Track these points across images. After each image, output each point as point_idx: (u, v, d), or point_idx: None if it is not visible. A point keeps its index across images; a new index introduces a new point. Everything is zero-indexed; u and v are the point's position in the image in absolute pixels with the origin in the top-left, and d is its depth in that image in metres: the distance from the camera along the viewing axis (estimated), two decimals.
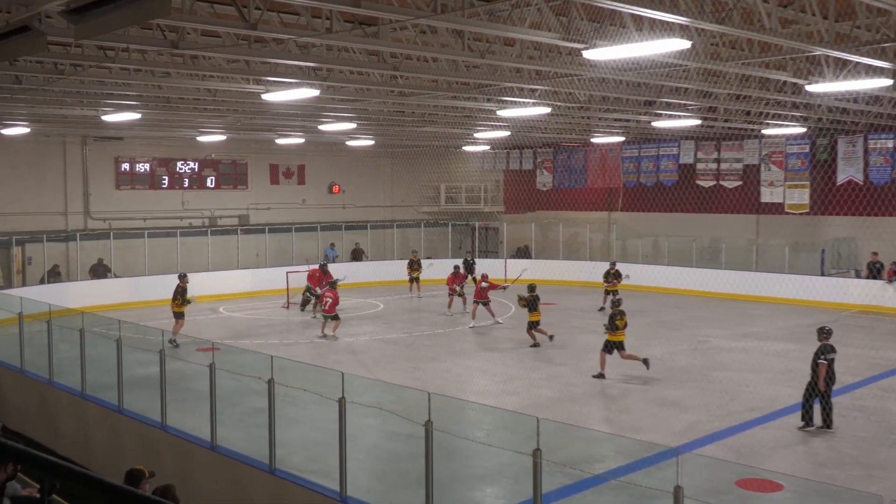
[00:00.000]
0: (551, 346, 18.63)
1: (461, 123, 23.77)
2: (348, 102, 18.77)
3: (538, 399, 13.98)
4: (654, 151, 29.81)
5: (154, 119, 22.01)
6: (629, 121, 22.92)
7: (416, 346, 18.82)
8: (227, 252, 28.52)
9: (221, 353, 12.66)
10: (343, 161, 34.10)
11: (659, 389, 14.64)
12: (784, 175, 26.80)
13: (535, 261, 31.39)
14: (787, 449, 11.49)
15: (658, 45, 10.49)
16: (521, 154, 33.87)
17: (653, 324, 21.58)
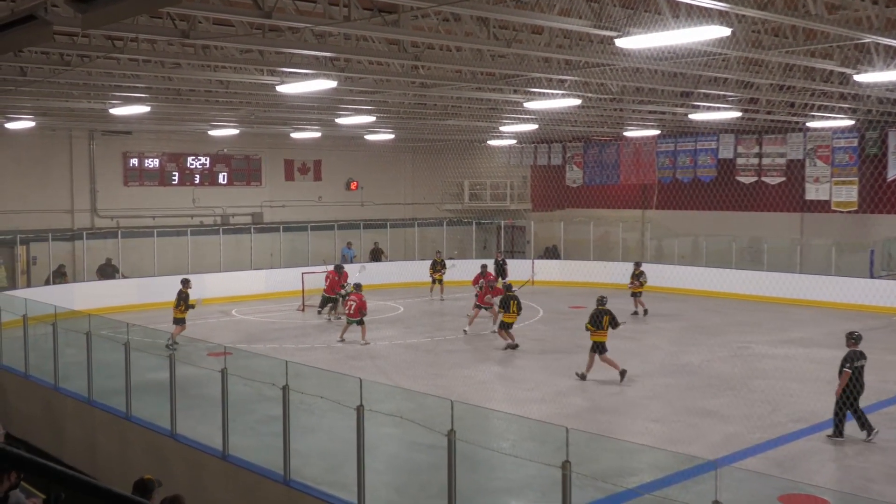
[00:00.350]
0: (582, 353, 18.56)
1: (486, 116, 23.74)
2: (367, 94, 18.81)
3: (567, 408, 13.93)
4: (692, 146, 29.63)
5: (164, 112, 22.18)
6: (665, 113, 22.79)
7: (438, 352, 18.82)
8: (240, 252, 28.68)
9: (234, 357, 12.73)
10: (361, 156, 34.17)
11: (696, 399, 14.55)
12: (830, 171, 26.55)
13: (564, 262, 31.35)
14: (834, 463, 11.38)
15: (696, 32, 10.42)
16: (549, 149, 33.78)
17: (690, 329, 21.46)
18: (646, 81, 16.43)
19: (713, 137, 28.89)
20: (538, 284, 30.21)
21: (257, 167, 32.60)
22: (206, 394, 12.52)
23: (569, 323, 22.53)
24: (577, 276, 29.89)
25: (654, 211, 32.05)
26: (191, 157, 30.87)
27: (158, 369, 12.47)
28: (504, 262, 28.39)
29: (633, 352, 18.53)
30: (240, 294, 26.71)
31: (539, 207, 35.36)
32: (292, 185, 33.40)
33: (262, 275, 27.95)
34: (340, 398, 9.46)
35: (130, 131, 28.63)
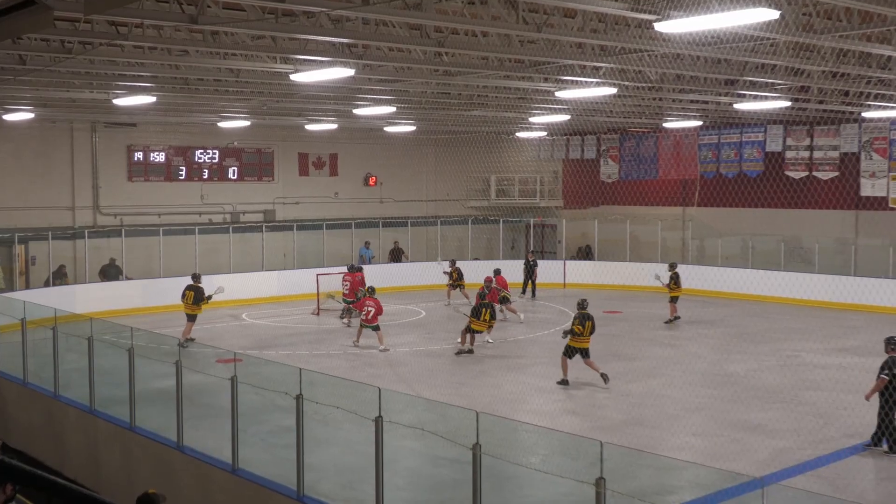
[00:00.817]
0: (617, 361, 18.50)
1: (514, 106, 23.71)
2: (387, 83, 18.83)
3: (602, 420, 13.90)
4: (737, 138, 29.43)
5: (170, 103, 22.32)
6: (707, 103, 22.66)
7: (463, 359, 18.82)
8: (251, 251, 28.82)
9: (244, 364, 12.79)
10: (380, 150, 34.21)
11: (742, 411, 14.46)
12: (888, 165, 26.29)
13: (598, 263, 31.25)
14: (891, 482, 11.28)
15: (741, 15, 10.35)
16: (582, 141, 33.68)
17: (734, 336, 21.34)
18: (687, 69, 16.34)
19: (760, 129, 28.68)
20: (570, 287, 30.15)
21: (269, 161, 32.74)
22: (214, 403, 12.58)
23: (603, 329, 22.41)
24: (611, 278, 29.78)
25: (695, 208, 31.87)
26: (199, 150, 31.05)
27: (164, 377, 12.56)
28: (535, 263, 28.35)
29: (673, 360, 18.45)
30: (250, 297, 26.83)
31: (571, 205, 35.25)
32: (306, 181, 33.50)
33: (274, 276, 28.06)
34: (358, 408, 9.47)
35: (135, 123, 28.83)
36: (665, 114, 26.36)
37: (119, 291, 25.45)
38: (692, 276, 28.38)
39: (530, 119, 26.97)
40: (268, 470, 10.66)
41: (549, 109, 24.53)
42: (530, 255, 29.18)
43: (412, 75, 17.64)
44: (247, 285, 27.15)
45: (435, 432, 9.18)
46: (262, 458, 11.25)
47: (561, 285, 30.26)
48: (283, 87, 19.30)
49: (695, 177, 31.11)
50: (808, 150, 27.90)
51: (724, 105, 22.79)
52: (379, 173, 34.87)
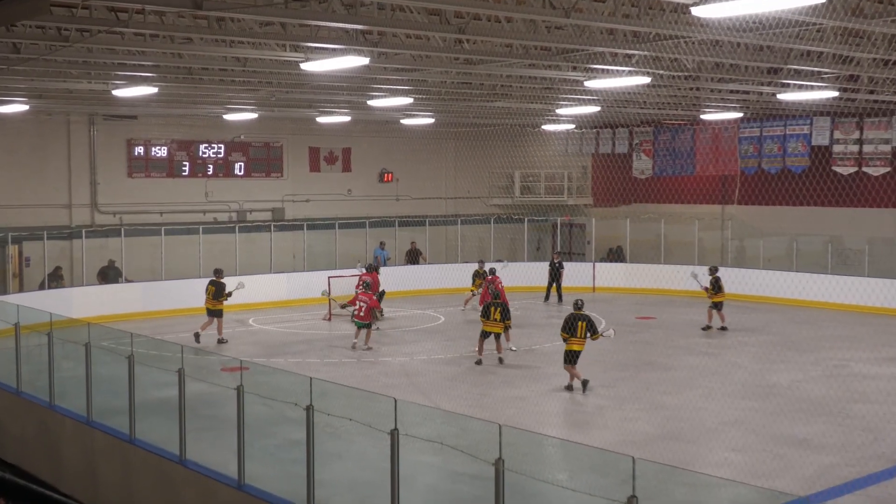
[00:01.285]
0: (651, 371, 18.45)
1: (540, 97, 23.69)
2: (404, 73, 18.86)
3: (634, 434, 13.86)
4: (780, 131, 29.29)
5: (173, 94, 22.44)
6: (749, 93, 22.56)
7: (485, 368, 18.82)
8: (259, 252, 28.92)
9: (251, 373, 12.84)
10: (397, 144, 34.25)
11: (785, 425, 14.39)
12: None
13: (630, 265, 31.17)
14: None
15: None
16: (613, 134, 33.61)
17: (777, 344, 21.23)
18: (726, 56, 16.27)
19: (805, 121, 28.53)
20: (599, 291, 30.10)
21: (278, 156, 32.85)
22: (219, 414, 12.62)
23: (635, 336, 22.42)
24: (645, 282, 29.70)
25: (735, 206, 31.74)
26: (203, 144, 31.20)
27: (166, 386, 12.61)
28: (560, 265, 28.29)
29: (711, 370, 18.39)
30: (257, 301, 26.88)
31: (601, 202, 35.18)
32: (318, 177, 33.59)
33: (282, 279, 28.16)
34: (372, 421, 9.49)
35: (135, 116, 29.00)
36: (703, 105, 26.26)
37: (118, 295, 25.60)
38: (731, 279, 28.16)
39: (557, 111, 26.93)
40: (276, 486, 10.69)
41: (578, 100, 24.50)
42: (556, 255, 29.15)
43: (431, 64, 17.66)
44: (254, 288, 27.16)
45: (455, 446, 9.19)
46: (270, 474, 11.29)
47: (590, 289, 30.20)
48: (293, 77, 19.36)
49: (735, 172, 30.98)
50: (858, 144, 27.72)
51: (767, 95, 22.69)
52: (395, 169, 34.91)
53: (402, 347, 20.91)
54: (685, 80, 19.79)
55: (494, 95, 23.30)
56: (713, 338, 22.09)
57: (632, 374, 18.18)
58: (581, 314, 16.69)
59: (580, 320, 16.61)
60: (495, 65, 17.60)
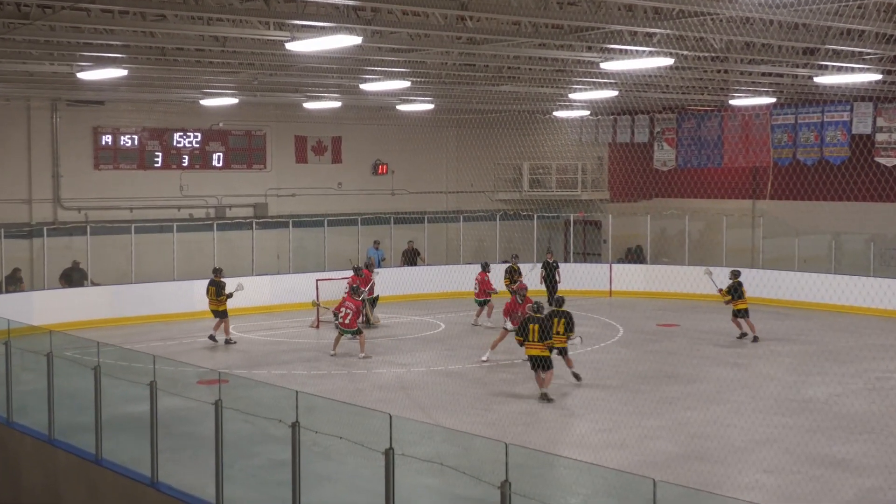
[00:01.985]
0: (674, 384, 18.45)
1: (552, 81, 23.69)
2: (400, 53, 18.86)
3: (654, 454, 13.86)
4: (817, 118, 29.28)
5: (144, 77, 22.44)
6: (782, 76, 22.57)
7: (490, 381, 18.82)
8: (239, 252, 28.93)
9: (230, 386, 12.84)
10: (392, 132, 34.21)
11: (822, 444, 14.39)
12: None
13: (651, 267, 31.16)
14: None
15: None
16: (632, 122, 33.61)
17: (815, 354, 21.23)
18: (758, 35, 16.27)
19: (845, 107, 28.51)
20: (617, 296, 30.09)
21: (261, 146, 32.84)
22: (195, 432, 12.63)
23: (656, 345, 22.43)
24: (667, 285, 29.68)
25: (767, 202, 31.73)
26: (178, 133, 31.19)
27: (136, 401, 12.62)
28: (556, 265, 28.14)
29: (741, 382, 18.39)
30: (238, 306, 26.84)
31: (619, 197, 35.16)
32: (305, 169, 33.59)
33: (266, 282, 28.15)
34: (364, 439, 9.50)
35: (103, 101, 28.99)
36: (732, 89, 26.26)
37: (84, 299, 25.59)
38: (763, 282, 28.22)
39: (570, 95, 26.94)
40: None
41: (593, 84, 24.49)
42: (549, 255, 29.01)
43: (430, 43, 17.66)
44: None
45: (456, 467, 9.19)
46: (252, 498, 11.30)
47: (606, 293, 30.22)
48: (278, 59, 19.36)
49: (767, 164, 30.97)
50: None
51: (803, 79, 22.69)
52: (390, 160, 34.92)
53: (398, 357, 20.90)
54: (712, 61, 19.78)
55: (501, 79, 23.30)
56: (742, 347, 22.08)
57: (652, 388, 18.16)
58: (537, 317, 17.10)
59: (532, 322, 17.00)
60: (502, 44, 17.59)
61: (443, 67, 21.40)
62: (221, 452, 10.85)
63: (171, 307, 25.78)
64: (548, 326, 17.05)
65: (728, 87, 25.86)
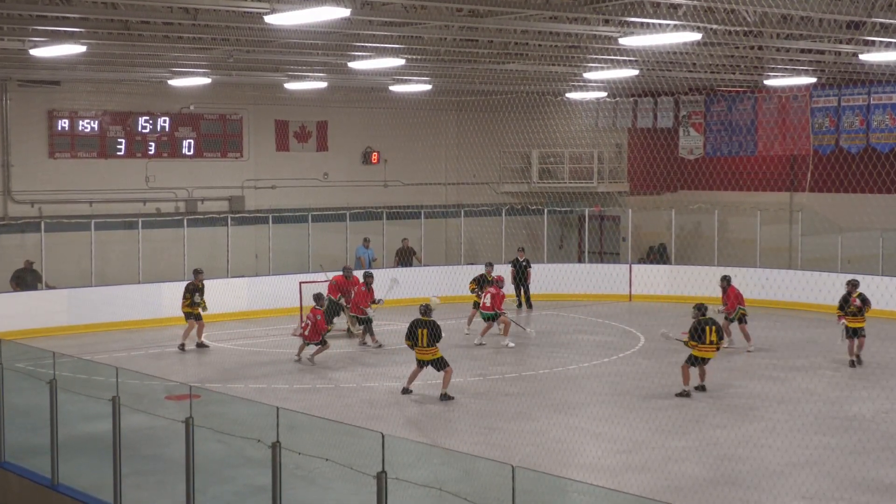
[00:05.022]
0: (701, 399, 18.45)
1: (564, 58, 23.69)
2: (393, 27, 18.87)
3: (679, 479, 13.88)
4: (863, 100, 29.31)
5: (106, 54, 22.43)
6: (823, 52, 22.58)
7: (494, 395, 18.83)
8: (213, 251, 28.90)
9: (203, 402, 12.84)
10: (385, 117, 34.19)
11: (869, 467, 14.40)
12: None
13: (676, 268, 31.15)
14: None
15: None
16: (655, 105, 33.63)
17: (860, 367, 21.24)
18: (796, 7, 16.29)
19: (894, 88, 28.56)
20: (637, 300, 30.10)
21: (237, 132, 32.83)
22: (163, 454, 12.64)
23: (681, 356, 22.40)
24: (693, 288, 29.55)
25: (807, 194, 31.75)
26: (143, 117, 31.16)
27: (97, 418, 12.63)
28: (527, 265, 27.99)
29: (777, 398, 18.39)
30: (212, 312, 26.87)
31: (640, 189, 35.18)
32: (286, 158, 33.58)
33: (242, 284, 28.15)
34: (354, 461, 9.50)
35: (59, 81, 28.98)
36: (767, 68, 26.28)
37: (37, 304, 25.56)
38: (802, 285, 28.21)
39: (585, 75, 26.96)
40: None
41: (611, 62, 24.50)
42: (521, 253, 28.84)
43: (427, 16, 17.67)
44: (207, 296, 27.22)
45: (457, 493, 9.20)
46: None
47: (626, 297, 30.21)
48: (256, 33, 19.37)
49: (807, 152, 30.99)
50: None
51: (846, 56, 22.70)
52: (383, 148, 34.92)
53: (391, 370, 20.87)
54: (745, 36, 19.81)
55: (507, 56, 23.31)
56: (779, 359, 22.08)
57: (677, 403, 18.16)
58: (426, 320, 18.35)
59: (421, 327, 18.21)
60: (508, 17, 17.60)
61: (441, 43, 21.41)
62: (193, 477, 10.85)
63: (136, 313, 25.74)
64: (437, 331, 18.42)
65: (763, 66, 25.87)
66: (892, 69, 25.60)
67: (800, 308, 27.64)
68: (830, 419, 16.90)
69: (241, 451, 11.56)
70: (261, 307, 27.44)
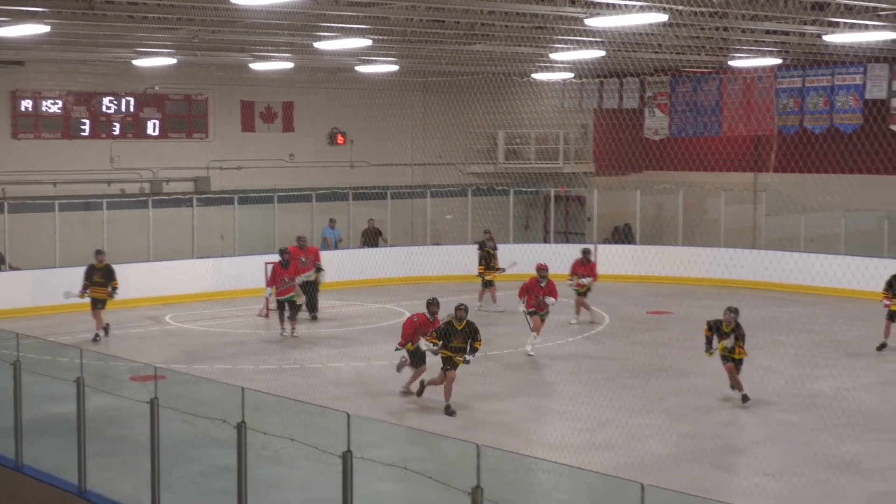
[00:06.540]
0: (663, 377, 18.57)
1: (530, 39, 23.70)
2: (359, 7, 18.83)
3: (643, 456, 13.97)
4: (827, 81, 29.47)
5: (69, 34, 22.27)
6: (788, 34, 22.68)
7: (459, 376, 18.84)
8: (178, 232, 28.81)
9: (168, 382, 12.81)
10: (351, 97, 34.14)
11: (829, 444, 14.53)
12: None
13: (641, 248, 31.29)
14: None
15: None
16: (620, 85, 33.69)
17: (822, 344, 21.40)
18: None
19: (858, 69, 28.70)
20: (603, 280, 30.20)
21: (202, 112, 32.70)
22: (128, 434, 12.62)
23: (646, 335, 22.55)
24: (658, 268, 29.82)
25: (771, 174, 31.93)
26: (108, 98, 30.99)
27: (61, 399, 12.58)
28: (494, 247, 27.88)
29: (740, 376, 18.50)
30: (176, 293, 26.85)
31: (605, 170, 35.27)
32: (252, 139, 33.49)
33: (208, 265, 28.09)
34: (319, 441, 9.52)
35: (22, 62, 28.77)
36: (732, 49, 26.37)
37: (1, 285, 25.44)
38: (765, 264, 28.46)
39: (551, 56, 26.98)
40: None
41: (577, 43, 24.54)
42: (487, 234, 28.76)
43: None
44: (172, 278, 27.16)
45: (422, 472, 9.22)
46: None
47: None
48: (221, 13, 19.27)
49: (771, 133, 31.16)
50: None
51: (811, 37, 22.81)
52: (349, 129, 34.87)
53: (358, 350, 20.90)
54: (710, 17, 19.85)
55: (473, 37, 23.29)
56: None
57: (642, 382, 18.27)
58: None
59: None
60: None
61: (408, 24, 21.37)
62: (158, 457, 10.84)
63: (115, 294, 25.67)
64: None
65: (728, 47, 25.95)
66: (856, 50, 25.73)
67: (763, 287, 27.84)
68: (793, 396, 17.02)
69: (207, 431, 11.55)
70: (226, 288, 27.36)
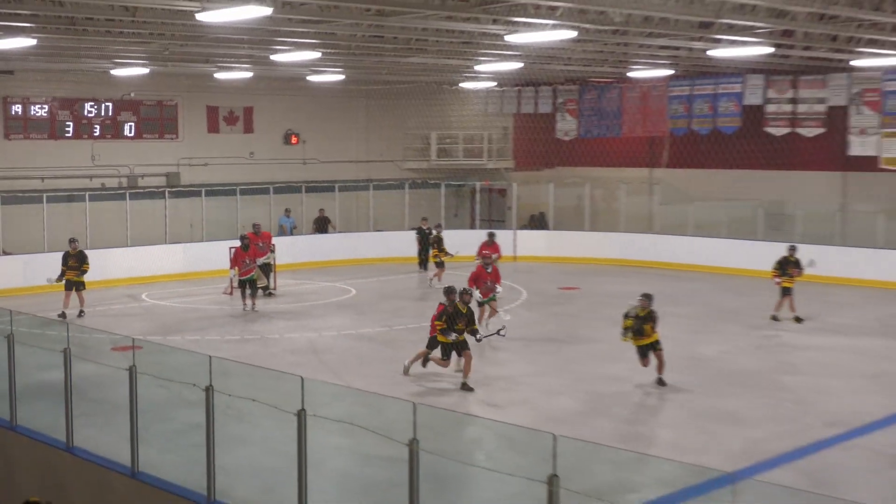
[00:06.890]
0: (572, 343, 18.76)
1: (458, 52, 23.72)
2: (310, 24, 18.72)
3: (555, 411, 14.11)
4: (711, 89, 29.79)
5: (54, 47, 21.93)
6: (679, 48, 22.87)
7: (398, 344, 18.90)
8: (152, 221, 28.54)
9: (145, 352, 12.73)
10: (304, 103, 34.02)
11: (711, 399, 14.78)
12: (880, 120, 26.76)
13: (553, 233, 31.52)
14: (876, 475, 11.63)
15: None
16: (536, 93, 33.81)
17: (704, 314, 21.72)
18: (656, 9, 16.47)
19: (738, 79, 29.05)
20: (522, 261, 30.38)
21: (172, 116, 32.38)
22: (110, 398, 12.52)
23: (558, 308, 22.76)
24: (568, 250, 30.12)
25: (664, 170, 32.21)
26: (89, 103, 30.61)
27: (50, 368, 12.46)
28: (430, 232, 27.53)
29: None
30: (151, 274, 26.63)
31: (523, 165, 35.39)
32: (217, 139, 33.21)
33: (178, 249, 27.86)
34: (278, 401, 9.52)
35: (12, 71, 28.31)
36: (631, 62, 26.56)
37: None
38: (659, 247, 28.87)
39: (476, 67, 27.00)
40: (174, 473, 10.67)
41: (499, 56, 24.58)
42: (423, 221, 28.68)
43: (340, 15, 17.55)
44: (147, 261, 26.93)
45: (366, 427, 9.26)
46: (167, 460, 11.25)
47: (512, 258, 30.47)
48: (188, 29, 19.07)
49: (664, 134, 31.44)
50: (792, 104, 28.30)
51: (698, 52, 23.01)
52: (301, 130, 34.69)
53: (310, 322, 20.89)
54: (612, 34, 19.98)
55: (409, 50, 23.25)
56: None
57: (555, 349, 18.45)
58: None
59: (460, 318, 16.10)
60: (410, 16, 17.55)
61: (352, 39, 21.28)
62: (136, 417, 10.79)
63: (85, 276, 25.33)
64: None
65: (627, 60, 26.15)
66: (736, 63, 26.03)
67: (657, 266, 28.17)
68: (681, 359, 17.18)
69: (179, 394, 11.49)
70: (195, 269, 27.21)
